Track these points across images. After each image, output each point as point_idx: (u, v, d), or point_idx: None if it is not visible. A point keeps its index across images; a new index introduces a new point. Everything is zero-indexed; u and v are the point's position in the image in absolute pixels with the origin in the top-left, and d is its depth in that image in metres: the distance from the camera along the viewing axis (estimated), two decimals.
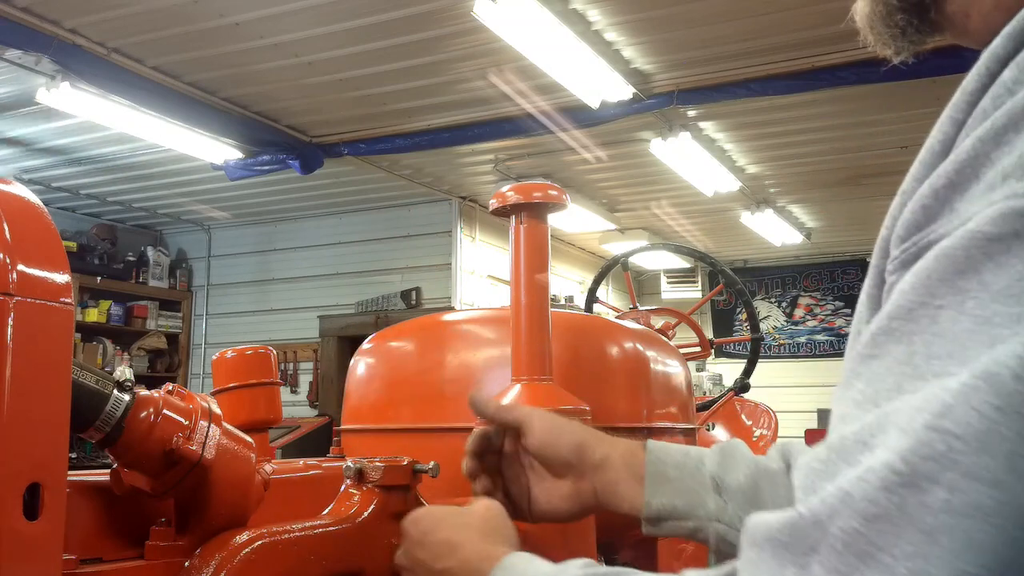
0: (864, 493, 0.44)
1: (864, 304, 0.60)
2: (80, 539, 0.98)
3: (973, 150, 0.51)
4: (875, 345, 0.51)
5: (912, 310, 0.49)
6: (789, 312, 10.18)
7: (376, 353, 2.05)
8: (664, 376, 2.04)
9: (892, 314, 0.51)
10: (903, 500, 0.43)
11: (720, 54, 4.83)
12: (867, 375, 0.51)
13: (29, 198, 0.83)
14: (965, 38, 0.68)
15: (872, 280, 0.58)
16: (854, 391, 0.51)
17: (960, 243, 0.48)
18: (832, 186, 7.26)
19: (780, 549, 0.47)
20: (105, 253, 8.11)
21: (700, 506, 0.98)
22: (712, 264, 3.80)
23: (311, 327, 8.15)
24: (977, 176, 0.50)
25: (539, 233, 1.69)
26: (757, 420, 7.82)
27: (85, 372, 0.92)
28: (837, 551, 0.44)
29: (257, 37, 4.67)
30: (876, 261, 0.58)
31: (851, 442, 0.47)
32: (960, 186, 0.51)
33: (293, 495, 1.32)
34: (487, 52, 4.75)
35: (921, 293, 0.49)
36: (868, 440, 0.46)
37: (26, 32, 4.43)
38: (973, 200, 0.50)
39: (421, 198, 7.67)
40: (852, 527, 0.44)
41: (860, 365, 0.52)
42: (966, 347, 0.45)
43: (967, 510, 0.41)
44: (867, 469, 0.45)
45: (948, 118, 0.56)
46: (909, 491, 0.43)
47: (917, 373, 0.47)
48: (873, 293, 0.58)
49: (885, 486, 0.43)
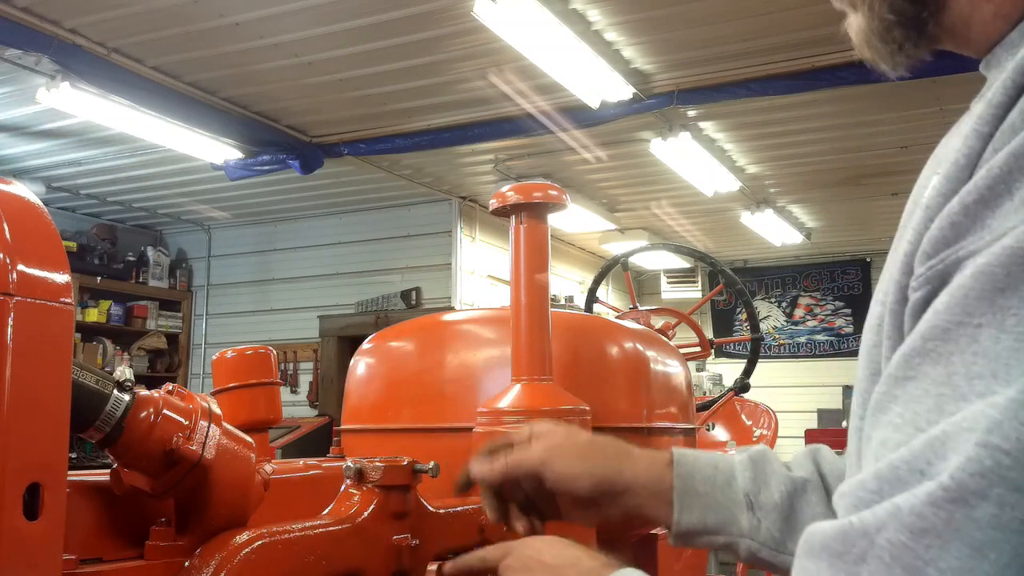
0: (912, 507, 0.44)
1: (885, 321, 0.58)
2: (80, 539, 0.98)
3: (1006, 165, 0.50)
4: (910, 367, 0.50)
5: (949, 330, 0.48)
6: (789, 312, 10.18)
7: (376, 353, 2.05)
8: (664, 376, 2.04)
9: (927, 335, 0.49)
10: (950, 515, 0.42)
11: (720, 54, 4.83)
12: (904, 398, 0.49)
13: (29, 198, 0.83)
14: (965, 47, 0.67)
15: (894, 296, 0.57)
16: (892, 415, 0.50)
17: (998, 260, 0.47)
18: (832, 186, 7.26)
19: (835, 559, 0.47)
20: (105, 253, 8.11)
21: (732, 523, 0.95)
22: (712, 264, 3.80)
23: (311, 327, 8.15)
24: (1010, 192, 0.49)
25: (539, 233, 1.69)
26: (757, 420, 7.82)
27: (85, 372, 0.92)
28: (884, 563, 0.44)
29: (257, 37, 4.67)
30: (898, 277, 0.56)
31: (905, 471, 0.46)
32: (992, 202, 0.50)
33: (293, 495, 1.32)
34: (487, 52, 4.75)
35: (957, 312, 0.48)
36: (925, 468, 0.45)
37: (26, 32, 4.43)
38: (1007, 216, 0.49)
39: (421, 198, 7.67)
40: (900, 540, 0.44)
41: (896, 388, 0.50)
42: (1009, 365, 0.45)
43: (1016, 525, 0.41)
44: (920, 488, 0.44)
45: (974, 131, 0.54)
46: (957, 506, 0.42)
47: (958, 394, 0.46)
48: (896, 310, 0.56)
49: (932, 501, 0.43)
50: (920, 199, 0.64)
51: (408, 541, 1.19)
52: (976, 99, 0.65)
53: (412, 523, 1.22)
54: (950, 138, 0.70)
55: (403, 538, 1.19)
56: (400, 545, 1.18)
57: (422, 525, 1.24)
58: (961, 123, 0.71)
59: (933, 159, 0.72)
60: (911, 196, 0.70)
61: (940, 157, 0.68)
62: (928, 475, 0.44)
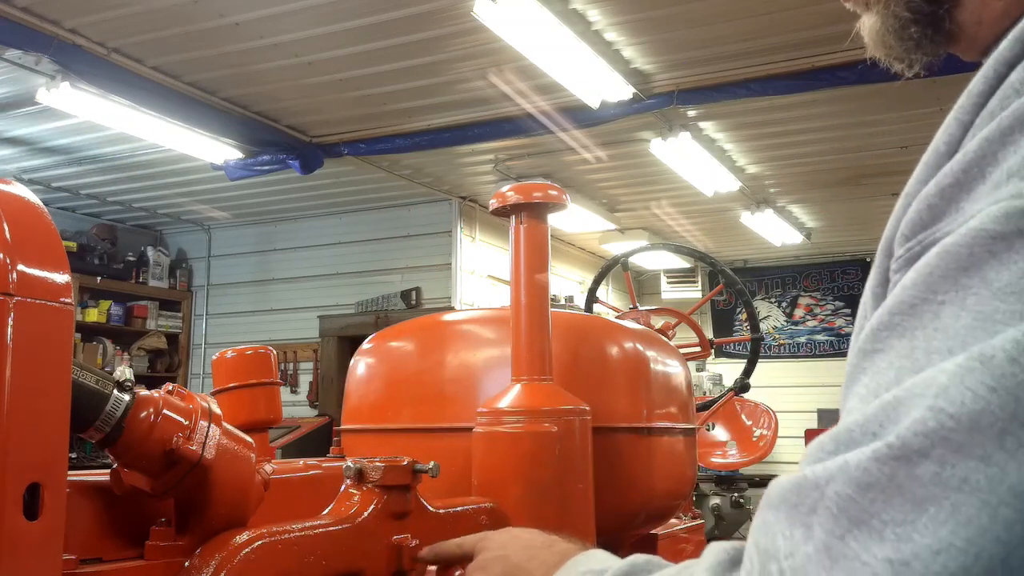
0: (859, 463, 0.46)
1: (868, 304, 0.60)
2: (80, 539, 0.98)
3: (980, 150, 0.51)
4: (877, 340, 0.52)
5: (914, 305, 0.50)
6: (789, 312, 10.17)
7: (376, 353, 2.05)
8: (664, 376, 2.04)
9: (894, 309, 0.51)
10: (894, 471, 0.45)
11: (720, 54, 4.83)
12: (872, 370, 0.51)
13: (29, 198, 0.83)
14: (972, 48, 0.68)
15: (876, 279, 0.59)
16: (859, 386, 0.52)
17: (963, 240, 0.49)
18: (832, 186, 7.26)
19: (791, 509, 0.49)
20: (105, 253, 8.11)
21: None
22: (712, 264, 3.80)
23: (311, 327, 8.15)
24: (983, 175, 0.51)
25: (539, 233, 1.69)
26: (757, 420, 7.82)
27: (85, 372, 0.92)
28: (832, 513, 0.46)
29: (257, 37, 4.67)
30: (880, 261, 0.58)
31: (858, 433, 0.48)
32: (966, 185, 0.51)
33: (293, 495, 1.32)
34: (487, 52, 4.75)
35: (923, 289, 0.50)
36: (877, 431, 0.47)
37: (26, 32, 4.43)
38: (979, 199, 0.50)
39: (421, 198, 7.67)
40: (846, 492, 0.46)
41: (864, 360, 0.52)
42: (966, 342, 0.46)
43: (956, 484, 0.43)
44: (868, 446, 0.47)
45: (954, 120, 0.56)
46: (900, 463, 0.45)
47: (916, 367, 0.48)
48: (878, 292, 0.58)
49: (878, 457, 0.45)
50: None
51: (408, 541, 1.19)
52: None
53: (412, 523, 1.22)
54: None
55: (403, 538, 1.19)
56: (400, 545, 1.18)
57: (422, 525, 1.24)
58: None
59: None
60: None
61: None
62: (879, 436, 0.46)
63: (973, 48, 0.68)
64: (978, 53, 0.67)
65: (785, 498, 0.49)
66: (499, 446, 1.58)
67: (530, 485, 1.54)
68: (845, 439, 0.49)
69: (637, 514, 1.99)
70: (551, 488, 1.56)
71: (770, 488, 0.52)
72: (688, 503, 2.75)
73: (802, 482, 0.49)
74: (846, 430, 0.49)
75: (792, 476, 0.50)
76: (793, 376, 9.73)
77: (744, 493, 7.42)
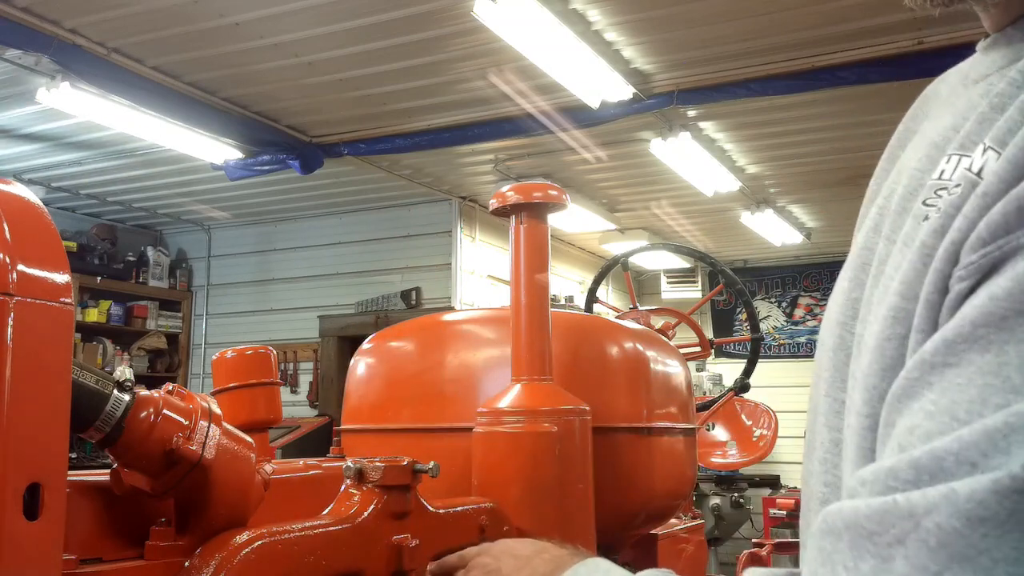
0: (972, 494, 0.41)
1: (919, 311, 0.53)
2: (80, 539, 0.98)
3: None
4: (952, 353, 0.46)
5: (1007, 318, 0.45)
6: (789, 312, 10.17)
7: (376, 353, 2.05)
8: (664, 376, 2.04)
9: (978, 321, 0.46)
10: (1016, 505, 0.40)
11: (720, 54, 4.83)
12: (941, 385, 0.46)
13: (29, 198, 0.83)
14: (988, 10, 0.64)
15: (933, 286, 0.52)
16: (924, 402, 0.47)
17: None
18: (832, 186, 7.26)
19: (861, 539, 0.44)
20: (105, 253, 8.11)
21: None
22: (712, 264, 3.80)
23: (311, 327, 8.15)
24: None
25: (539, 233, 1.69)
26: (757, 420, 7.82)
27: (85, 372, 0.92)
28: (929, 547, 0.41)
29: (257, 37, 4.67)
30: (939, 264, 0.52)
31: (952, 463, 0.43)
32: None
33: (293, 495, 1.32)
34: (487, 52, 4.75)
35: (1019, 300, 0.45)
36: (979, 461, 0.42)
37: (26, 32, 4.43)
38: None
39: (421, 198, 7.67)
40: (952, 526, 0.41)
41: (930, 374, 0.47)
42: None
43: None
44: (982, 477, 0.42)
45: None
46: (1023, 497, 0.40)
47: (1009, 386, 0.43)
48: (933, 300, 0.52)
49: (998, 490, 0.40)
50: (916, 185, 0.61)
51: (408, 541, 1.19)
52: (982, 74, 0.62)
53: (412, 523, 1.22)
54: (940, 116, 0.66)
55: (403, 538, 1.19)
56: (400, 545, 1.18)
57: (422, 525, 1.24)
58: (949, 97, 0.67)
59: (921, 138, 0.68)
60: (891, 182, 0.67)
61: (932, 137, 0.65)
62: (982, 468, 0.41)
63: (989, 13, 0.64)
64: (995, 23, 0.63)
65: (854, 525, 0.44)
66: (499, 446, 1.58)
67: (530, 485, 1.54)
68: (931, 467, 0.43)
69: (637, 514, 1.99)
70: (551, 488, 1.56)
71: (829, 514, 0.47)
72: (688, 503, 2.75)
73: (891, 508, 0.43)
74: (933, 457, 0.43)
75: (872, 501, 0.45)
76: (793, 376, 9.72)
77: (744, 493, 7.43)
